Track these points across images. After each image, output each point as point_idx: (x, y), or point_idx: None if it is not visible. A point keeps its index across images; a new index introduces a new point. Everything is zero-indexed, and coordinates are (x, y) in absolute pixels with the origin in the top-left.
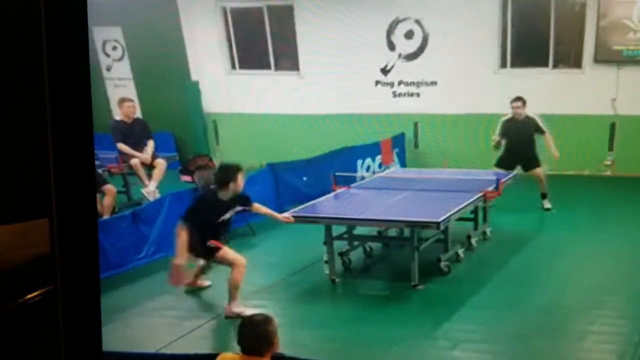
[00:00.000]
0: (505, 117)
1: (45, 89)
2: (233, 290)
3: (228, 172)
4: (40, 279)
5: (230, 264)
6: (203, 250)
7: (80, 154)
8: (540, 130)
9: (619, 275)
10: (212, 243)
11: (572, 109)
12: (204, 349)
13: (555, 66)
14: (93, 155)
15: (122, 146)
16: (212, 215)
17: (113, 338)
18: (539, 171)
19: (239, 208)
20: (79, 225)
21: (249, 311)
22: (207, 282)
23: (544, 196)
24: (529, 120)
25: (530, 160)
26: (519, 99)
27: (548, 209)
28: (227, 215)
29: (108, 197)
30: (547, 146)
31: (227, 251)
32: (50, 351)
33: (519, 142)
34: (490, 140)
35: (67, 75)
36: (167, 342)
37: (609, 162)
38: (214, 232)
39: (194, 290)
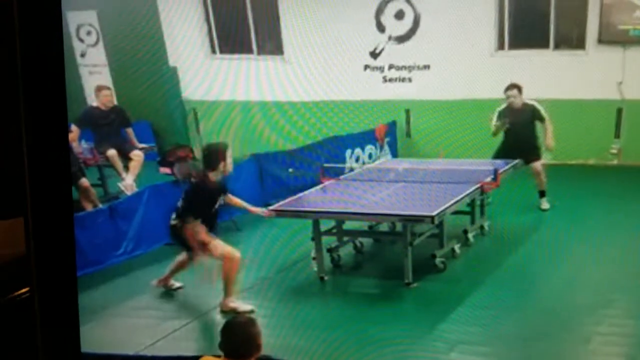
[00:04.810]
0: (501, 107)
1: (19, 84)
2: (227, 285)
3: (217, 151)
4: (17, 281)
5: (220, 257)
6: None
7: (55, 152)
8: (541, 118)
9: (627, 272)
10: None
11: (575, 93)
12: (187, 351)
13: (556, 47)
14: (68, 152)
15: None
16: (209, 203)
17: (91, 339)
18: (538, 165)
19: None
20: (55, 224)
21: (244, 307)
22: (177, 284)
23: (542, 194)
24: (527, 108)
25: (530, 152)
26: (513, 86)
27: (545, 210)
28: (220, 201)
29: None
30: (546, 135)
31: (216, 245)
32: (28, 354)
33: (518, 132)
34: (491, 126)
35: (41, 70)
36: (147, 344)
37: (615, 151)
38: (210, 224)
39: (177, 290)
